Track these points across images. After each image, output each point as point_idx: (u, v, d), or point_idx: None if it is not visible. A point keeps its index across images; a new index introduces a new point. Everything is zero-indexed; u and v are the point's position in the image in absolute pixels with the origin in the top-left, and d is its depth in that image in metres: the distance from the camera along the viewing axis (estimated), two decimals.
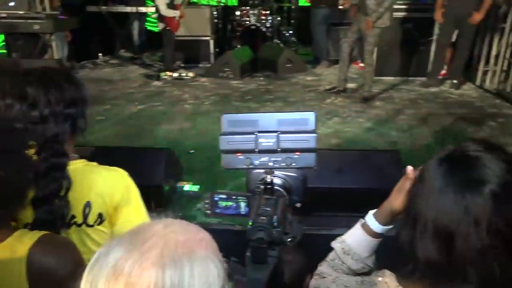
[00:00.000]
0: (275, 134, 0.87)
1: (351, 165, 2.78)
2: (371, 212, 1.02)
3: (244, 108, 5.03)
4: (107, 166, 1.32)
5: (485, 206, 0.72)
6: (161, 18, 6.22)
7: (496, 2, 5.63)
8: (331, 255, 1.00)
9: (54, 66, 3.08)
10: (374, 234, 1.00)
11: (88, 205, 1.23)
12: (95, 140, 3.60)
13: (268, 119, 0.90)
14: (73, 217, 1.22)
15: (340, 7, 5.44)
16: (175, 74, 6.26)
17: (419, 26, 6.09)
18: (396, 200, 0.97)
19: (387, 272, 0.88)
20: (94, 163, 1.33)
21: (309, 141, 0.87)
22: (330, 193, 2.71)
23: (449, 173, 0.77)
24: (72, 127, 1.25)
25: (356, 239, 1.00)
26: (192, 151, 3.77)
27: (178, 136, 4.19)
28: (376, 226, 0.99)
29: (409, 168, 0.95)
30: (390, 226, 1.01)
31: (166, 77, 6.22)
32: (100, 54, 7.56)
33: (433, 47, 6.08)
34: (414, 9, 6.08)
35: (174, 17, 6.23)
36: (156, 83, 6.20)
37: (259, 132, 0.87)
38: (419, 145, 3.95)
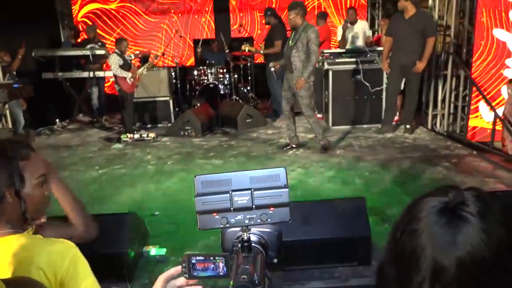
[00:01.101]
0: (249, 191, 0.89)
1: (318, 216, 2.80)
2: None
3: (208, 165, 5.02)
4: (52, 238, 1.24)
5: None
6: (116, 80, 6.30)
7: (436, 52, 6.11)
8: None
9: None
10: None
11: None
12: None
13: (241, 177, 0.92)
14: None
15: (272, 69, 5.68)
16: (136, 136, 6.23)
17: (369, 76, 6.46)
18: None
19: None
20: (39, 236, 1.26)
21: (282, 196, 0.90)
22: (300, 245, 2.70)
23: (446, 226, 0.78)
24: None
25: None
26: (157, 213, 3.69)
27: (142, 198, 4.10)
28: None
29: None
30: None
31: (127, 139, 6.17)
32: (57, 120, 7.45)
33: (384, 95, 6.43)
34: (362, 61, 6.46)
35: (126, 78, 6.30)
36: (117, 146, 6.12)
37: (233, 190, 0.89)
38: (383, 190, 4.05)
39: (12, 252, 1.16)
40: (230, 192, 0.88)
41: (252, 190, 0.89)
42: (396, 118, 6.51)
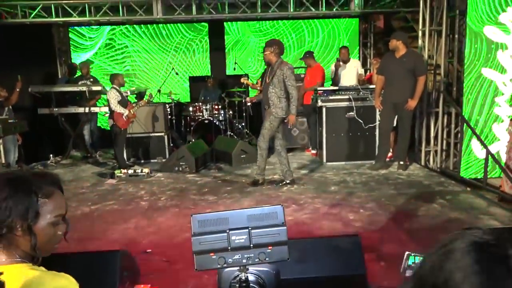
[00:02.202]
0: (246, 230, 0.87)
1: (313, 253, 2.76)
2: None
3: (201, 201, 4.97)
4: (56, 272, 1.23)
5: None
6: (111, 115, 6.31)
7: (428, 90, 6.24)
8: None
9: None
10: None
11: None
12: None
13: (238, 216, 0.90)
14: None
15: (248, 103, 5.80)
16: (130, 171, 6.19)
17: (362, 113, 6.55)
18: None
19: None
20: (41, 268, 1.25)
21: (280, 234, 0.88)
22: (297, 284, 2.64)
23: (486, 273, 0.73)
24: None
25: None
26: (149, 250, 3.61)
27: (134, 235, 4.02)
28: None
29: None
30: None
31: (120, 174, 6.12)
32: (51, 155, 7.41)
33: (377, 132, 6.49)
34: (355, 99, 6.56)
35: (122, 114, 6.33)
36: (110, 181, 6.07)
37: (231, 229, 0.87)
38: (377, 227, 4.01)
39: (15, 281, 1.15)
40: (228, 231, 0.86)
41: (250, 228, 0.87)
42: (389, 154, 6.54)
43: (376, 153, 6.42)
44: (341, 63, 7.11)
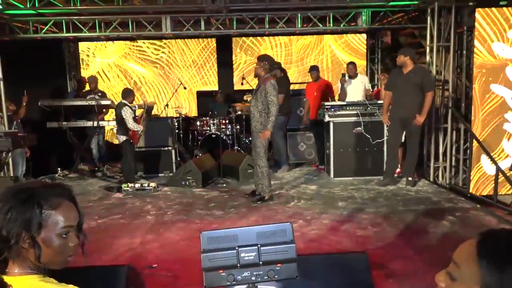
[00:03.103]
0: (256, 247, 0.87)
1: (320, 270, 2.73)
2: None
3: (208, 216, 4.97)
4: (64, 284, 1.26)
5: None
6: (122, 130, 6.33)
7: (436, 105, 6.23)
8: None
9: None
10: None
11: None
12: None
13: (247, 233, 0.91)
14: None
15: (239, 112, 5.79)
16: (137, 185, 6.21)
17: (370, 129, 6.54)
18: None
19: None
20: (52, 279, 1.26)
21: (289, 251, 0.89)
22: None
23: None
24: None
25: None
26: (155, 265, 3.60)
27: (140, 249, 4.02)
28: None
29: None
30: None
31: (127, 188, 6.14)
32: (59, 169, 7.46)
33: (385, 148, 6.47)
34: (363, 114, 6.56)
35: (138, 131, 6.40)
36: (117, 195, 6.09)
37: (240, 246, 0.88)
38: (386, 243, 3.97)
39: None
40: (237, 248, 0.86)
41: (259, 246, 0.88)
42: (398, 170, 6.51)
43: (384, 168, 6.39)
44: (346, 78, 7.13)
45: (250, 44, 9.83)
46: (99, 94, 7.83)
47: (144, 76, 9.88)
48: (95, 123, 7.34)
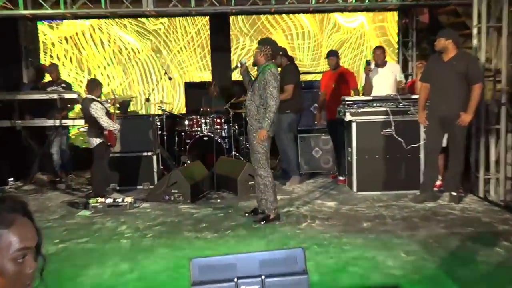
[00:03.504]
0: (259, 279, 0.85)
1: None
2: None
3: (198, 240, 4.95)
4: None
5: None
6: (95, 132, 6.33)
7: (486, 101, 6.19)
8: None
9: None
10: None
11: None
12: None
13: (248, 261, 0.88)
14: None
15: (239, 64, 5.71)
16: (109, 200, 6.20)
17: (403, 130, 6.51)
18: None
19: None
20: None
21: (300, 284, 0.86)
22: None
23: None
24: None
25: None
26: None
27: (112, 282, 3.99)
28: None
29: None
30: None
31: (96, 204, 6.13)
32: (10, 180, 7.45)
33: (422, 154, 6.44)
34: (394, 112, 6.53)
35: (114, 130, 6.39)
36: (84, 212, 6.08)
37: (239, 278, 0.85)
38: (423, 277, 3.93)
39: None
40: (235, 280, 0.85)
41: (263, 277, 0.85)
42: (438, 183, 6.48)
43: (420, 180, 6.35)
44: (372, 66, 7.12)
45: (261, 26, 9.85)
46: (63, 85, 7.85)
47: (133, 48, 9.84)
48: (57, 122, 7.34)
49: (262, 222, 5.36)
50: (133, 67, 9.86)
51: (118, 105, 7.23)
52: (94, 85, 6.53)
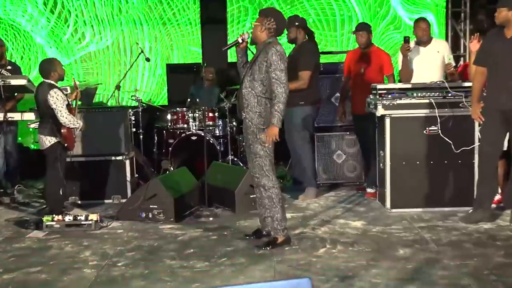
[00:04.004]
0: None
1: None
2: None
3: (184, 269, 4.96)
4: None
5: None
6: (48, 129, 6.33)
7: None
8: None
9: None
10: None
11: None
12: None
13: None
14: None
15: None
16: (68, 218, 6.21)
17: (452, 129, 6.52)
18: None
19: None
20: None
21: None
22: None
23: None
24: None
25: None
26: None
27: None
28: None
29: None
30: None
31: (52, 223, 6.15)
32: None
33: (476, 160, 6.45)
34: (440, 104, 6.54)
35: (75, 128, 6.40)
36: (35, 234, 6.10)
37: None
38: None
39: None
40: None
41: None
42: (497, 197, 6.48)
43: (474, 195, 6.38)
44: (412, 45, 7.11)
45: None
46: (8, 67, 7.85)
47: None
48: (1, 116, 7.36)
49: (267, 248, 5.37)
50: None
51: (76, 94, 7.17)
52: (50, 65, 6.49)
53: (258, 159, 5.30)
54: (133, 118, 7.98)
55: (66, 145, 6.42)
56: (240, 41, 5.51)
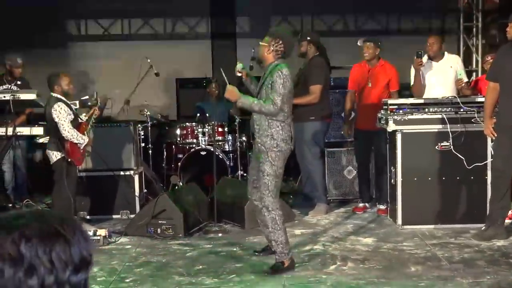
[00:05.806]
0: None
1: None
2: None
3: (193, 286, 4.95)
4: None
5: None
6: (55, 144, 6.35)
7: None
8: None
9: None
10: None
11: None
12: None
13: None
14: None
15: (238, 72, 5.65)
16: None
17: (464, 145, 6.50)
18: None
19: None
20: None
21: None
22: None
23: None
24: None
25: None
26: None
27: None
28: None
29: None
30: None
31: None
32: None
33: (489, 176, 6.43)
34: (452, 119, 6.53)
35: (79, 144, 6.41)
36: None
37: None
38: None
39: None
40: None
41: None
42: (510, 213, 6.45)
43: (486, 211, 6.35)
44: (425, 60, 7.12)
45: None
46: (18, 83, 7.89)
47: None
48: (10, 131, 7.39)
49: (275, 274, 5.23)
50: None
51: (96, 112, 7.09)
52: (55, 79, 6.48)
53: (266, 177, 5.22)
54: (142, 133, 8.02)
55: (70, 160, 6.39)
56: (239, 74, 5.55)
